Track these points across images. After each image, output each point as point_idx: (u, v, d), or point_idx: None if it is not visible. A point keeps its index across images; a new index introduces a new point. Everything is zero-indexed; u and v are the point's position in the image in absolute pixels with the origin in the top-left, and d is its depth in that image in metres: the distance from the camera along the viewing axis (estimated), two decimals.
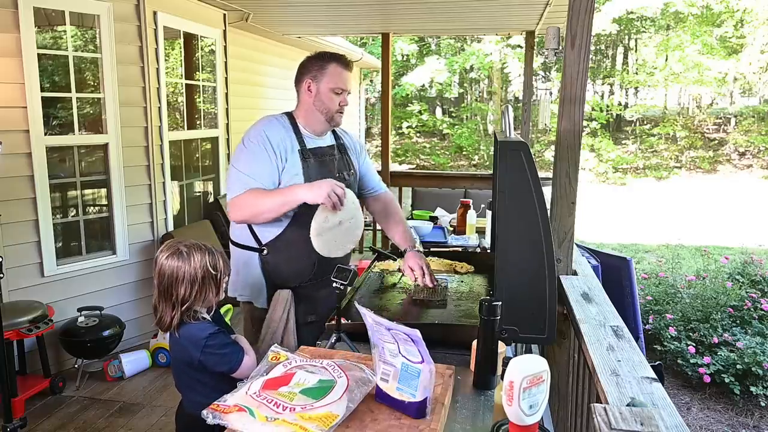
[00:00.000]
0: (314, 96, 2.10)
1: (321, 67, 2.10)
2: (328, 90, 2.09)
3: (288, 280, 2.09)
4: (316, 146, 2.15)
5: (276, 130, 2.08)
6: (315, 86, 2.09)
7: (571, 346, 1.92)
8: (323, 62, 2.11)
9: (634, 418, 1.07)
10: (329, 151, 2.19)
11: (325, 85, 2.08)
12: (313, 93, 2.10)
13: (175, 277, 1.69)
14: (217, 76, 4.88)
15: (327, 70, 2.09)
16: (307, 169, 2.06)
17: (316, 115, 2.12)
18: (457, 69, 17.17)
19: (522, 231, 1.57)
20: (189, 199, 4.79)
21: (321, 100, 2.10)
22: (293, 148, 2.07)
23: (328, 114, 2.13)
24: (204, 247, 1.76)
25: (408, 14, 5.14)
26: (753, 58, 14.81)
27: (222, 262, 1.78)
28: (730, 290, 4.45)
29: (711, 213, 10.89)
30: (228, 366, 1.72)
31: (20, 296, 3.35)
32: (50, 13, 3.53)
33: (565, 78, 1.99)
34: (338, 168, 2.19)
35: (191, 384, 1.79)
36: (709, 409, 3.67)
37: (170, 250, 1.72)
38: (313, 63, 2.12)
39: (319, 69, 2.10)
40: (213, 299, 1.78)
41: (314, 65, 2.11)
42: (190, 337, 1.71)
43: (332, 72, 2.09)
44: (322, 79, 2.09)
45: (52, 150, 3.51)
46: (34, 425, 3.05)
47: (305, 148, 2.10)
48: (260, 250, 2.08)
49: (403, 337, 1.22)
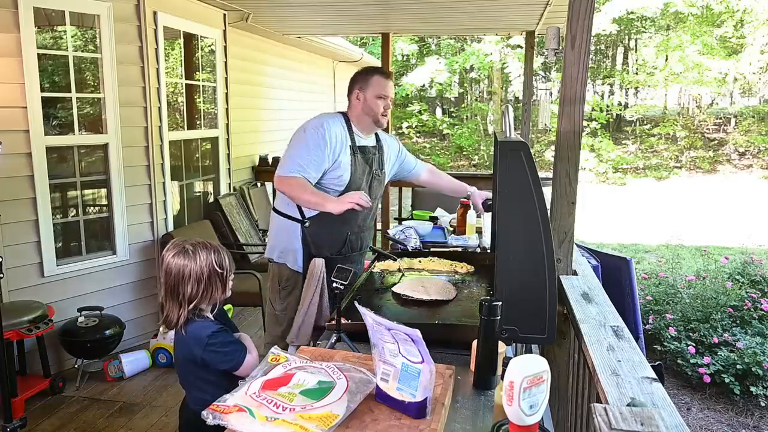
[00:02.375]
0: (363, 103, 2.52)
1: (366, 79, 2.53)
2: (373, 97, 2.50)
3: (323, 249, 2.46)
4: (363, 145, 2.56)
5: (336, 125, 2.48)
6: (362, 95, 2.52)
7: (571, 346, 1.92)
8: (368, 75, 2.55)
9: (634, 418, 1.07)
10: (372, 150, 2.61)
11: (371, 93, 2.50)
12: (362, 100, 2.52)
13: (182, 276, 1.70)
14: (217, 76, 4.89)
15: (371, 81, 2.52)
16: (354, 163, 2.48)
17: (365, 118, 2.54)
18: (457, 69, 17.16)
19: (522, 231, 1.57)
20: (189, 199, 4.79)
21: (368, 105, 2.51)
22: (346, 143, 2.47)
23: (375, 117, 2.53)
24: (210, 245, 1.77)
25: (408, 14, 5.14)
26: (753, 58, 14.79)
27: (228, 261, 1.80)
28: (730, 290, 4.46)
29: (711, 213, 10.89)
30: (230, 364, 1.73)
31: (20, 296, 3.35)
32: (50, 13, 3.53)
33: (565, 78, 1.98)
34: (375, 165, 2.61)
35: (195, 381, 1.80)
36: (709, 409, 3.67)
37: (176, 249, 1.73)
38: (361, 76, 2.57)
39: (365, 80, 2.53)
40: (219, 297, 1.79)
41: (361, 78, 2.55)
42: (194, 335, 1.72)
43: (376, 82, 2.52)
44: (368, 89, 2.51)
45: (52, 150, 3.51)
46: (34, 425, 3.05)
47: (355, 144, 2.51)
48: (303, 222, 2.46)
49: (403, 337, 1.22)
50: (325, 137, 2.40)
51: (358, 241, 2.61)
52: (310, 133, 2.42)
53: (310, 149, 2.39)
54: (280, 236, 2.56)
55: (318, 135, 2.40)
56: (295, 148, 2.44)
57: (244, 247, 4.75)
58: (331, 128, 2.43)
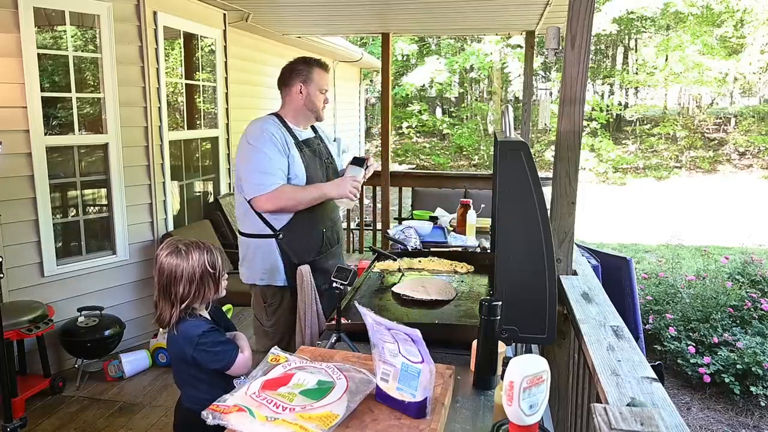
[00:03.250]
0: (305, 97, 2.45)
1: (308, 72, 2.45)
2: (316, 91, 2.45)
3: (303, 255, 2.41)
4: (306, 138, 2.50)
5: (272, 126, 2.39)
6: (306, 89, 2.44)
7: (571, 346, 1.92)
8: (309, 67, 2.46)
9: (634, 418, 1.07)
10: (315, 141, 2.56)
11: (314, 88, 2.45)
12: (305, 95, 2.45)
13: (174, 276, 1.70)
14: (217, 76, 4.89)
15: (313, 75, 2.45)
16: (304, 158, 2.41)
17: (306, 112, 2.48)
18: (457, 69, 17.16)
19: (522, 231, 1.57)
20: (189, 199, 4.79)
21: (311, 100, 2.45)
22: (289, 141, 2.39)
23: (316, 111, 2.49)
24: (203, 245, 1.77)
25: (408, 14, 5.14)
26: (753, 58, 14.78)
27: (221, 260, 1.80)
28: (730, 290, 4.45)
29: (711, 213, 10.89)
30: (221, 363, 1.74)
31: (20, 296, 3.35)
32: (50, 13, 3.53)
33: (565, 78, 1.98)
34: (324, 155, 2.56)
35: (188, 379, 1.81)
36: (709, 409, 3.67)
37: (170, 248, 1.74)
38: (299, 69, 2.47)
39: (308, 74, 2.45)
40: (212, 297, 1.79)
41: (301, 71, 2.46)
42: (185, 334, 1.72)
43: (318, 76, 2.46)
44: (311, 83, 2.45)
45: (52, 150, 3.51)
46: (34, 425, 3.05)
47: (298, 140, 2.44)
48: (276, 235, 2.39)
49: (403, 336, 1.22)
50: (272, 139, 2.32)
51: (334, 235, 2.59)
52: (257, 141, 2.32)
53: (267, 155, 2.30)
54: (257, 258, 2.43)
55: (265, 139, 2.31)
56: (252, 163, 2.32)
57: None
58: (272, 131, 2.35)
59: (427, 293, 2.04)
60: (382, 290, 2.20)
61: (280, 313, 2.48)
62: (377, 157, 14.98)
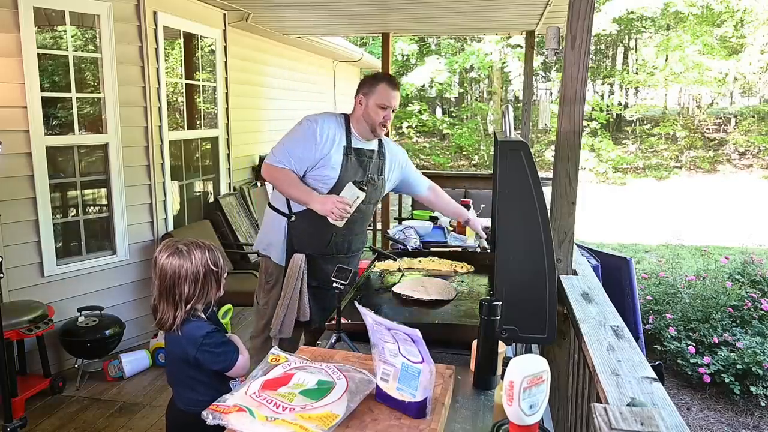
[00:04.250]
0: (364, 108, 2.48)
1: (372, 84, 2.49)
2: (375, 105, 2.46)
3: (304, 245, 2.47)
4: (360, 147, 2.51)
5: (331, 123, 2.46)
6: (365, 100, 2.48)
7: (571, 346, 1.92)
8: (375, 81, 2.50)
9: (634, 418, 1.07)
10: (369, 154, 2.55)
11: (373, 101, 2.46)
12: (363, 105, 2.48)
13: (178, 276, 1.69)
14: (217, 76, 4.88)
15: (377, 88, 2.47)
16: (346, 163, 2.44)
17: (363, 124, 2.50)
18: (457, 69, 17.15)
19: (522, 231, 1.57)
20: (189, 199, 4.79)
21: (368, 112, 2.47)
22: (340, 142, 2.44)
23: (372, 125, 2.49)
24: (202, 244, 1.77)
25: (408, 14, 5.14)
26: (753, 58, 14.77)
27: (221, 258, 1.79)
28: (730, 290, 4.45)
29: (711, 213, 10.89)
30: (223, 364, 1.74)
31: (20, 296, 3.35)
32: (50, 13, 3.53)
33: (565, 78, 1.98)
34: (372, 170, 2.55)
35: (185, 380, 1.80)
36: (709, 409, 3.67)
37: (170, 250, 1.72)
38: (368, 81, 2.53)
39: (371, 86, 2.49)
40: (214, 296, 1.78)
41: (368, 83, 2.52)
42: (188, 335, 1.72)
43: (381, 90, 2.47)
44: (371, 96, 2.47)
45: (52, 150, 3.51)
46: (34, 425, 3.05)
47: (350, 146, 2.47)
48: (289, 216, 2.48)
49: (403, 336, 1.22)
50: (315, 133, 2.40)
51: (345, 243, 2.56)
52: (304, 126, 2.45)
53: (299, 142, 2.42)
54: (267, 228, 2.60)
55: (309, 130, 2.42)
56: (286, 138, 2.47)
57: (244, 247, 4.75)
58: (325, 125, 2.43)
59: (427, 293, 2.04)
60: (382, 290, 2.20)
61: (273, 294, 2.57)
62: None
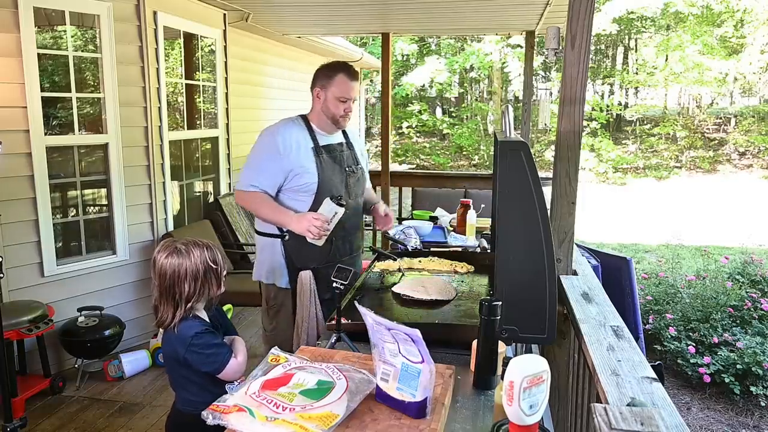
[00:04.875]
0: (322, 102, 2.39)
1: (329, 76, 2.37)
2: (334, 98, 2.36)
3: (307, 261, 2.36)
4: (328, 143, 2.43)
5: (290, 129, 2.37)
6: (323, 93, 2.38)
7: (571, 346, 1.92)
8: (331, 72, 2.38)
9: (634, 418, 1.07)
10: (339, 147, 2.47)
11: (332, 94, 2.36)
12: (322, 99, 2.39)
13: (178, 275, 1.69)
14: (217, 76, 4.88)
15: (334, 80, 2.36)
16: (320, 163, 2.35)
17: (324, 117, 2.41)
18: (457, 69, 17.15)
19: (522, 231, 1.57)
20: (189, 199, 4.79)
21: (327, 106, 2.38)
22: (307, 146, 2.35)
23: (333, 118, 2.40)
24: (201, 242, 1.77)
25: (408, 14, 5.13)
26: (753, 58, 14.78)
27: (220, 256, 1.80)
28: (730, 290, 4.45)
29: (711, 213, 10.89)
30: (212, 366, 1.72)
31: (20, 296, 3.35)
32: (50, 13, 3.53)
33: (565, 78, 1.98)
34: (347, 163, 2.47)
35: (180, 381, 1.80)
36: (709, 409, 3.67)
37: (168, 249, 1.72)
38: (324, 72, 2.40)
39: (328, 78, 2.37)
40: (214, 294, 1.78)
41: (324, 74, 2.39)
42: (179, 335, 1.71)
43: (338, 82, 2.36)
44: (330, 88, 2.36)
45: (52, 150, 3.51)
46: (34, 425, 3.05)
47: (318, 145, 2.38)
48: (282, 236, 2.36)
49: (403, 336, 1.22)
50: (277, 145, 2.30)
51: (346, 245, 2.48)
52: (263, 142, 2.36)
53: (262, 159, 2.33)
54: (264, 255, 2.46)
55: (270, 143, 2.32)
56: (249, 159, 2.38)
57: (244, 247, 4.75)
58: (285, 133, 2.34)
59: (427, 293, 2.04)
60: (382, 290, 2.20)
61: (281, 317, 2.46)
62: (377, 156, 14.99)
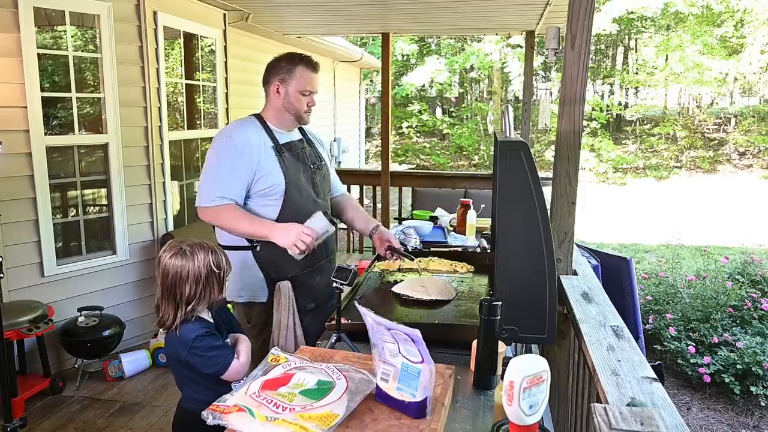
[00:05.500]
0: (283, 98, 2.20)
1: (289, 69, 2.19)
2: (296, 92, 2.18)
3: (284, 270, 2.16)
4: (288, 141, 2.25)
5: (245, 129, 2.16)
6: (284, 88, 2.19)
7: (571, 346, 1.92)
8: (291, 65, 2.20)
9: (634, 418, 1.07)
10: (300, 144, 2.30)
11: (293, 88, 2.18)
12: (282, 95, 2.20)
13: (180, 277, 1.70)
14: (217, 76, 4.88)
15: (295, 73, 2.18)
16: (283, 162, 2.16)
17: (285, 114, 2.22)
18: (457, 69, 17.16)
19: (522, 231, 1.57)
20: (189, 199, 4.78)
21: (289, 101, 2.19)
22: (266, 145, 2.15)
23: (297, 114, 2.22)
24: (207, 245, 1.77)
25: (408, 14, 5.14)
26: (753, 58, 14.78)
27: (224, 260, 1.79)
28: (730, 290, 4.45)
29: (711, 213, 10.89)
30: (214, 369, 1.73)
31: (20, 296, 3.35)
32: (50, 13, 3.53)
33: (565, 78, 1.98)
34: (311, 160, 2.30)
35: (184, 380, 1.82)
36: (709, 409, 3.67)
37: (174, 250, 1.73)
38: (281, 65, 2.21)
39: (287, 72, 2.19)
40: (215, 298, 1.78)
41: (282, 68, 2.20)
42: (180, 337, 1.72)
43: (300, 75, 2.18)
44: (291, 82, 2.18)
45: (52, 150, 3.51)
46: (34, 425, 3.05)
47: (278, 143, 2.19)
48: (253, 247, 2.15)
49: (403, 336, 1.22)
50: (236, 146, 2.09)
51: (322, 248, 2.22)
52: (220, 147, 2.13)
53: (224, 165, 2.09)
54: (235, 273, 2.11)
55: (227, 146, 2.10)
56: (207, 170, 2.13)
57: None
58: (241, 133, 2.13)
59: (427, 293, 2.04)
60: (382, 290, 2.20)
61: (267, 334, 2.23)
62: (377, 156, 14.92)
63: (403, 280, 2.27)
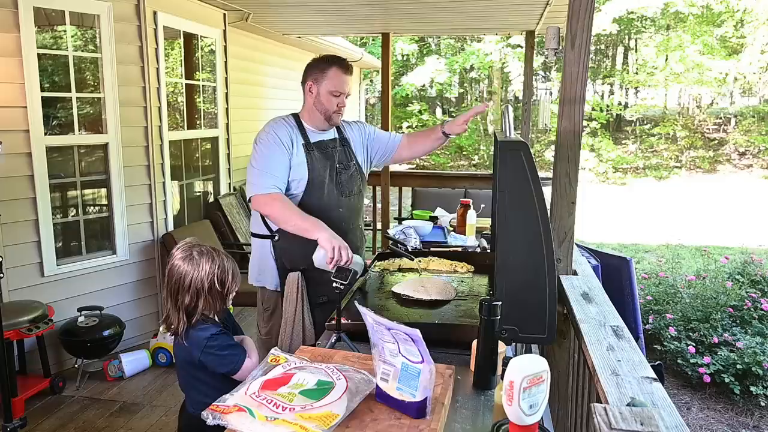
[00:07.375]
0: (314, 97, 2.30)
1: (322, 70, 2.29)
2: (327, 92, 2.28)
3: (298, 263, 2.23)
4: (319, 140, 2.35)
5: (282, 127, 2.30)
6: (316, 88, 2.29)
7: (571, 346, 1.92)
8: (325, 65, 2.29)
9: (634, 418, 1.07)
10: (332, 144, 2.39)
11: (325, 88, 2.28)
12: (314, 94, 2.30)
13: (181, 283, 1.69)
14: (217, 76, 4.89)
15: (327, 74, 2.28)
16: (311, 160, 2.28)
17: (316, 114, 2.33)
18: (457, 69, 17.15)
19: (522, 231, 1.57)
20: (189, 199, 4.79)
21: (320, 101, 2.30)
22: (298, 142, 2.29)
23: (326, 114, 2.32)
24: (217, 256, 1.73)
25: (408, 14, 5.13)
26: (753, 58, 14.78)
27: (231, 276, 1.75)
28: (730, 290, 4.45)
29: (711, 213, 10.89)
30: (228, 367, 1.72)
31: (20, 296, 3.35)
32: (50, 12, 3.53)
33: (565, 78, 1.98)
34: (339, 159, 2.39)
35: (193, 383, 1.79)
36: (709, 409, 3.67)
37: (185, 252, 1.72)
38: (316, 66, 2.32)
39: (321, 72, 2.29)
40: (216, 310, 1.77)
41: (317, 68, 2.31)
42: (194, 337, 1.71)
43: (332, 76, 2.28)
44: (322, 82, 2.28)
45: (52, 150, 3.51)
46: (34, 425, 3.05)
47: (309, 142, 2.31)
48: (272, 237, 2.28)
49: (403, 336, 1.22)
50: (278, 140, 2.23)
51: None
52: (264, 140, 2.26)
53: (270, 156, 2.22)
54: (254, 257, 2.40)
55: (271, 140, 2.24)
56: (257, 162, 2.24)
57: (244, 247, 4.75)
58: (279, 130, 2.27)
59: (427, 293, 2.04)
60: (382, 290, 2.20)
61: (273, 322, 2.38)
62: None
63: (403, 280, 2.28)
